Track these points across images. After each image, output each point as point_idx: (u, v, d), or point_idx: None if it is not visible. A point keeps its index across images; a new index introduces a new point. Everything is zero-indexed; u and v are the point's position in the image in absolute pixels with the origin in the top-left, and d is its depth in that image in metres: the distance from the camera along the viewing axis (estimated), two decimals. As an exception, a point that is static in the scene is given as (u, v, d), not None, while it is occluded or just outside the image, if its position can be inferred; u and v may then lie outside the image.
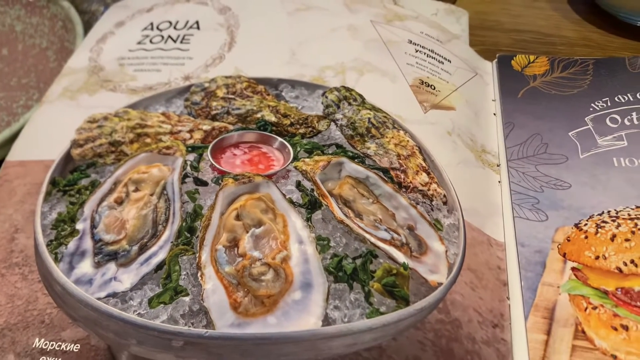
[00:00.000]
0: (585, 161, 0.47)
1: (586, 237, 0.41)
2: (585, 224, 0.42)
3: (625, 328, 0.37)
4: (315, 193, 0.42)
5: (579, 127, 0.50)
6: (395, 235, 0.40)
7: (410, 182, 0.44)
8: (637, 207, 0.43)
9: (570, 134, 0.49)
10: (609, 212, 0.43)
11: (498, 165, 0.48)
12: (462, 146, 0.48)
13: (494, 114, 0.53)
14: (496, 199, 0.46)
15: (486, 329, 0.38)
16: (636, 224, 0.40)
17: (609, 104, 0.51)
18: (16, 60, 0.59)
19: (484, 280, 0.41)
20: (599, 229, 0.41)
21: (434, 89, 0.51)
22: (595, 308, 0.38)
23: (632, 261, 0.38)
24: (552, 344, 0.37)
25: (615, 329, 0.37)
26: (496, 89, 0.55)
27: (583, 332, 0.38)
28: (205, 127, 0.47)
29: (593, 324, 0.38)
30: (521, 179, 0.47)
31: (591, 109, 0.51)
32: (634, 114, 0.50)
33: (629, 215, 0.41)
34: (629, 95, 0.51)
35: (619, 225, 0.41)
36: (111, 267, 0.39)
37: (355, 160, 0.44)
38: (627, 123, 0.49)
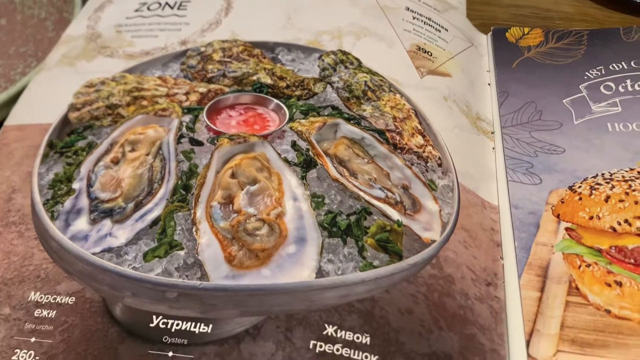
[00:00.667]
0: (580, 127, 0.47)
1: (580, 199, 0.41)
2: (579, 186, 0.42)
3: (619, 284, 0.37)
4: (310, 153, 0.42)
5: (573, 94, 0.50)
6: (390, 194, 0.41)
7: (406, 143, 0.44)
8: (631, 169, 0.43)
9: (564, 101, 0.49)
10: (602, 174, 0.43)
11: (492, 133, 0.49)
12: (457, 112, 0.48)
13: (488, 84, 0.53)
14: (490, 164, 0.46)
15: (479, 287, 0.38)
16: (630, 186, 0.40)
17: (603, 72, 0.51)
18: (14, 30, 0.59)
19: (478, 240, 0.41)
20: (593, 191, 0.41)
21: (431, 55, 0.51)
22: (589, 266, 0.38)
23: (626, 220, 0.38)
24: (546, 300, 0.38)
25: (609, 285, 0.37)
26: (491, 60, 0.55)
27: (577, 288, 0.38)
28: (201, 90, 0.47)
29: (587, 280, 0.38)
30: (515, 145, 0.47)
31: (585, 77, 0.51)
32: (628, 81, 0.50)
33: (622, 177, 0.42)
34: (623, 63, 0.51)
35: (613, 187, 0.41)
36: (106, 223, 0.39)
37: (351, 121, 0.44)
38: (621, 90, 0.49)
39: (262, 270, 0.36)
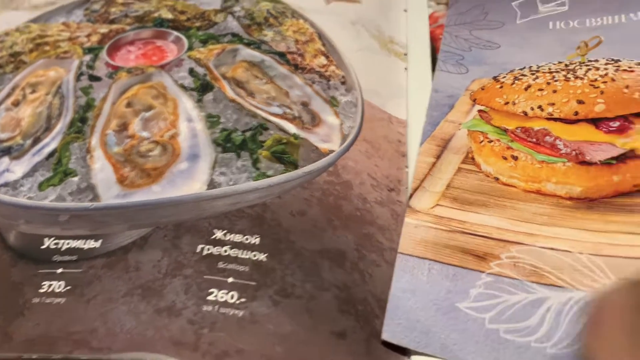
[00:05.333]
0: (521, 26, 0.51)
1: (501, 87, 0.44)
2: (504, 77, 0.45)
3: (515, 158, 0.40)
4: (207, 77, 0.44)
5: None
6: (288, 110, 0.43)
7: (308, 64, 0.46)
8: (560, 62, 0.45)
9: (512, 3, 0.52)
10: (530, 67, 0.45)
11: (405, 55, 0.51)
12: (366, 35, 0.50)
13: (405, 10, 0.55)
14: (401, 82, 0.48)
15: (380, 192, 0.40)
16: (553, 77, 0.43)
17: None
18: None
19: (381, 151, 0.43)
20: (516, 81, 0.44)
21: (338, -17, 0.53)
22: (490, 142, 0.42)
23: (540, 106, 0.41)
24: (439, 165, 0.42)
25: (505, 158, 0.41)
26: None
27: (472, 159, 0.42)
28: (102, 30, 0.49)
29: (484, 153, 0.41)
30: (452, 41, 0.50)
31: None
32: None
33: (549, 69, 0.44)
34: None
35: (536, 77, 0.43)
36: (4, 161, 0.42)
37: (251, 46, 0.47)
38: None
39: (153, 187, 0.38)
